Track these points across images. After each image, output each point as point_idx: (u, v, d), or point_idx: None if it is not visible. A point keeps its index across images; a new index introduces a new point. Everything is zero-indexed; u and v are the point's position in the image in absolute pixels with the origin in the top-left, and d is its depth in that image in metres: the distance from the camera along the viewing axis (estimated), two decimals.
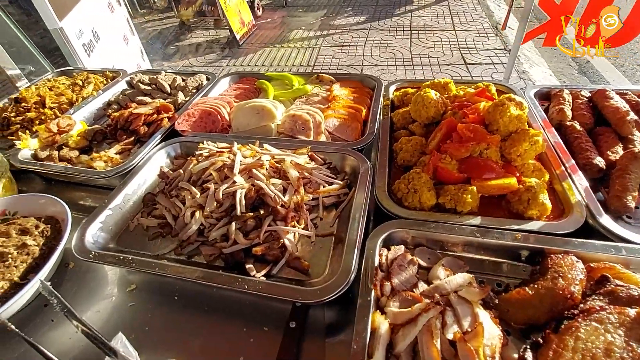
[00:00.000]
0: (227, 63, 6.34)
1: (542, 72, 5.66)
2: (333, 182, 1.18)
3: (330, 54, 6.44)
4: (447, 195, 1.04)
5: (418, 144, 1.22)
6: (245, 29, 6.98)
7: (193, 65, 6.34)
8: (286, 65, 6.25)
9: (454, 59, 5.97)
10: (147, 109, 1.50)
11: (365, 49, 6.52)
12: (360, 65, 6.04)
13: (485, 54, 6.05)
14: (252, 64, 6.32)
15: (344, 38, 6.94)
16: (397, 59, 6.11)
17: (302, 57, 6.45)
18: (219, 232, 1.04)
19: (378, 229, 0.99)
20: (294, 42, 6.95)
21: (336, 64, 6.13)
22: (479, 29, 6.94)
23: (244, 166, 1.12)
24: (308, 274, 0.99)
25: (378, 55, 6.29)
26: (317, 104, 1.56)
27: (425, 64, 5.90)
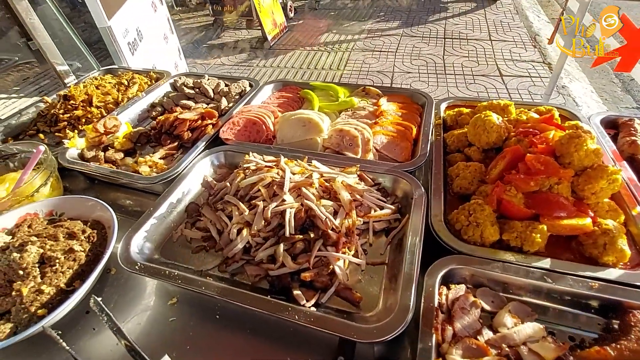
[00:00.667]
0: (257, 63, 6.38)
1: (582, 89, 5.40)
2: (384, 206, 1.12)
3: (361, 59, 6.37)
4: (513, 232, 0.96)
5: (477, 171, 1.14)
6: (277, 30, 7.01)
7: (224, 64, 6.41)
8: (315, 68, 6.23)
9: (488, 69, 5.79)
10: (192, 114, 1.49)
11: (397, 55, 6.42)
12: (390, 71, 5.94)
13: (522, 66, 5.84)
14: (282, 65, 6.34)
15: (375, 43, 6.86)
16: (430, 67, 5.98)
17: (332, 61, 6.41)
18: (266, 253, 1.00)
19: (437, 264, 0.92)
20: (324, 45, 6.92)
21: (366, 69, 6.06)
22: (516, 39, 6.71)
23: (293, 184, 1.08)
24: (359, 306, 0.93)
25: (410, 62, 6.18)
26: (364, 118, 1.51)
27: (459, 74, 5.75)
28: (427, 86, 5.45)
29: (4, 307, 0.98)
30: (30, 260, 1.00)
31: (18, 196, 1.19)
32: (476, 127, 1.21)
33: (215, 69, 6.25)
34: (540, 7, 8.13)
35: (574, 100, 5.02)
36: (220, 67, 6.32)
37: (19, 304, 0.94)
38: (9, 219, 1.16)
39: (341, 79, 5.83)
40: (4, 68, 3.82)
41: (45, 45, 1.81)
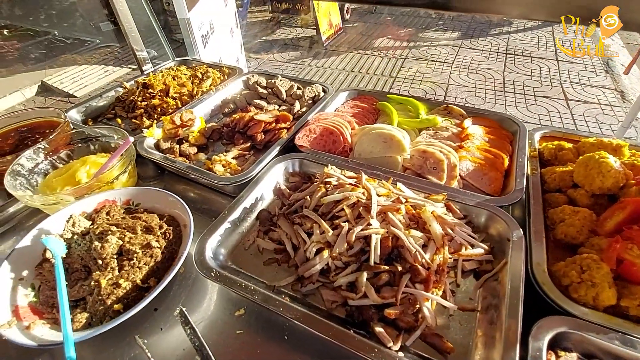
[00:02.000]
0: (308, 62, 6.39)
1: None
2: (475, 245, 1.01)
3: (415, 67, 6.20)
4: (636, 298, 0.83)
5: (587, 219, 1.00)
6: (332, 31, 6.98)
7: (277, 60, 6.48)
8: (367, 73, 6.13)
9: (552, 91, 5.43)
10: (267, 116, 1.46)
11: (453, 67, 6.18)
12: (445, 83, 5.73)
13: (590, 91, 5.42)
14: (333, 66, 6.30)
15: (431, 52, 6.65)
16: (488, 83, 5.70)
17: (385, 66, 6.29)
18: (346, 279, 0.93)
19: (544, 325, 0.81)
20: (378, 50, 6.80)
21: (419, 79, 5.88)
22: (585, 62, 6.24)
23: (379, 207, 1.01)
24: (448, 358, 0.84)
25: (467, 75, 5.93)
26: (447, 139, 1.40)
27: (519, 93, 5.44)
28: (483, 102, 5.19)
29: (80, 293, 0.99)
30: (110, 251, 1.00)
31: (100, 182, 1.21)
32: (588, 169, 1.07)
33: (267, 64, 6.33)
34: None
35: None
36: (273, 62, 6.39)
37: (96, 295, 0.94)
38: (89, 204, 1.18)
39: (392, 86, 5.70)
40: (87, 50, 4.08)
41: (130, 31, 1.86)
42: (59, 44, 3.26)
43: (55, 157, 1.40)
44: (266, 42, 7.14)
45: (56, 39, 3.43)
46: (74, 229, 1.10)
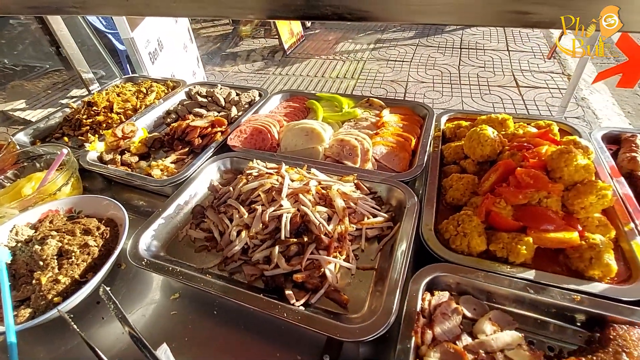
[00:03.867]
0: (273, 71, 6.55)
1: (604, 101, 5.27)
2: (378, 214, 1.16)
3: (375, 68, 6.44)
4: (500, 243, 0.99)
5: (470, 182, 1.17)
6: (294, 39, 7.17)
7: (242, 71, 6.61)
8: (330, 77, 6.33)
9: (505, 80, 5.74)
10: (203, 122, 1.58)
11: (412, 65, 6.45)
12: (405, 81, 5.98)
13: (540, 77, 5.75)
14: (297, 73, 6.47)
15: (391, 53, 6.92)
16: (444, 77, 5.97)
17: (347, 70, 6.50)
18: (262, 254, 1.06)
19: (423, 271, 0.96)
20: (340, 55, 7.03)
21: (380, 79, 6.11)
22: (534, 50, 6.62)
23: (291, 190, 1.15)
24: (346, 307, 0.98)
25: (424, 72, 6.19)
26: (366, 129, 1.56)
27: (474, 84, 5.72)
28: (441, 96, 5.45)
29: (25, 294, 1.08)
30: (50, 252, 1.10)
31: (42, 194, 1.30)
32: (471, 140, 1.24)
33: (232, 76, 6.45)
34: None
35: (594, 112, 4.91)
36: (238, 74, 6.52)
37: (37, 292, 1.03)
38: (33, 215, 1.27)
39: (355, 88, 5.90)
40: (36, 75, 4.11)
41: (72, 54, 1.96)
42: (8, 71, 3.30)
43: (2, 176, 1.48)
44: (230, 54, 7.26)
45: (6, 67, 3.46)
46: (18, 238, 1.19)
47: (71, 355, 1.04)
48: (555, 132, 1.34)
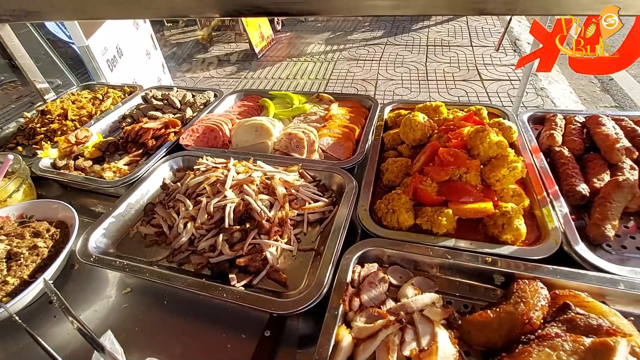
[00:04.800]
0: (245, 75, 6.58)
1: (561, 90, 5.54)
2: (319, 200, 1.24)
3: (346, 68, 6.56)
4: (424, 216, 1.08)
5: (403, 165, 1.26)
6: (265, 43, 7.22)
7: (213, 77, 6.61)
8: (302, 78, 6.41)
9: (469, 74, 5.96)
10: (156, 123, 1.62)
11: (381, 63, 6.61)
12: (374, 79, 6.12)
13: (502, 70, 6.00)
14: (269, 76, 6.52)
15: (360, 52, 7.06)
16: (412, 74, 6.15)
17: (318, 71, 6.60)
18: (207, 243, 1.11)
19: (354, 247, 1.04)
20: (311, 56, 7.12)
21: (351, 78, 6.23)
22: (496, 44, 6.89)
23: (235, 182, 1.21)
24: (286, 286, 1.05)
25: (393, 70, 6.35)
26: (315, 122, 1.64)
27: (440, 80, 5.91)
28: (410, 92, 5.61)
29: None
30: None
31: None
32: (405, 126, 1.33)
33: (204, 82, 6.44)
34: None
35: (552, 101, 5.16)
36: (209, 79, 6.52)
37: None
38: None
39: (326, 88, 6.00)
40: None
41: (25, 65, 1.96)
42: None
43: None
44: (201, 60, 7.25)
45: None
46: None
47: (24, 353, 1.06)
48: (484, 116, 1.45)
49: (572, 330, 0.78)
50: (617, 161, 1.22)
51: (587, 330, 0.77)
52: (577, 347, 0.73)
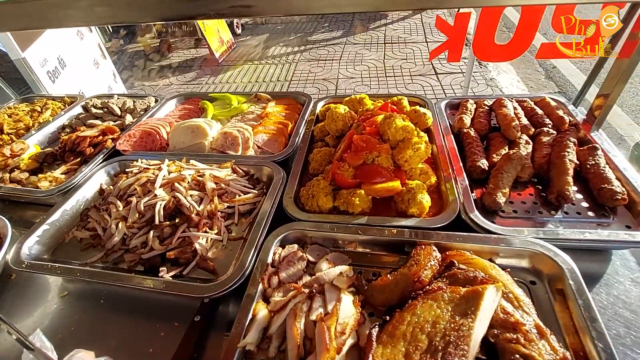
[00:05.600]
0: (206, 81, 6.54)
1: (509, 79, 5.88)
2: (249, 192, 1.31)
3: (307, 69, 6.66)
4: (341, 199, 1.18)
5: (327, 154, 1.36)
6: (225, 47, 7.21)
7: (173, 84, 6.52)
8: (264, 81, 6.45)
9: (425, 69, 6.20)
10: (93, 131, 1.64)
11: (341, 62, 6.75)
12: (335, 78, 6.25)
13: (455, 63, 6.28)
14: (231, 80, 6.52)
15: (321, 53, 7.19)
16: (371, 72, 6.33)
17: (280, 73, 6.66)
18: (138, 240, 1.16)
19: (276, 231, 1.12)
20: (272, 58, 7.17)
21: (312, 78, 6.34)
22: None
23: (166, 180, 1.26)
24: (216, 273, 1.11)
25: (353, 68, 6.52)
26: (251, 121, 1.71)
27: (398, 75, 6.12)
28: (369, 89, 5.77)
29: None
30: None
31: None
32: (328, 118, 1.43)
33: (163, 89, 6.35)
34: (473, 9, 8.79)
35: (501, 90, 5.48)
36: (169, 87, 6.43)
37: None
38: None
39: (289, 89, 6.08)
40: None
41: None
42: None
43: None
44: (160, 67, 7.13)
45: None
46: None
47: None
48: (405, 105, 1.58)
49: (453, 283, 0.89)
50: (514, 137, 1.38)
51: (465, 282, 0.89)
52: (454, 296, 0.85)
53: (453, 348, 0.76)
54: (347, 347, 0.84)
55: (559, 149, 1.24)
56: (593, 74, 1.52)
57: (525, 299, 0.88)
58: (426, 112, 1.48)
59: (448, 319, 0.81)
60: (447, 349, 0.76)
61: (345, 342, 0.83)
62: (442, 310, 0.83)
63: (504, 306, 0.85)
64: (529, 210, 1.18)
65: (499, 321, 0.83)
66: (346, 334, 0.84)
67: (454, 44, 1.54)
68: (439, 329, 0.80)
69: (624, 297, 1.01)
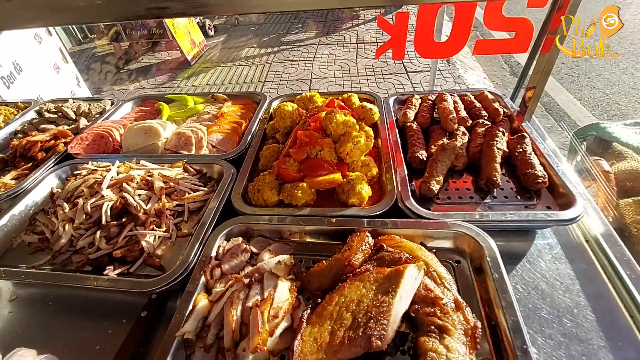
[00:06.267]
0: (178, 83, 6.46)
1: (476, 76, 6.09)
2: (199, 189, 1.34)
3: (281, 70, 6.68)
4: (285, 192, 1.23)
5: (275, 150, 1.41)
6: (197, 50, 7.14)
7: (144, 87, 6.42)
8: (237, 83, 6.43)
9: (396, 68, 6.34)
10: (44, 135, 1.63)
11: (314, 63, 6.81)
12: (309, 79, 6.30)
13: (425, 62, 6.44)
14: (203, 83, 6.47)
15: (294, 54, 7.22)
16: (344, 71, 6.42)
17: (253, 74, 6.66)
18: (86, 241, 1.18)
19: (221, 225, 1.16)
20: (246, 60, 7.16)
21: (286, 79, 6.36)
22: None
23: (114, 181, 1.28)
24: (163, 269, 1.14)
25: (326, 68, 6.58)
26: (207, 121, 1.74)
27: (370, 75, 6.23)
28: (342, 89, 5.85)
29: None
30: None
31: None
32: (277, 116, 1.48)
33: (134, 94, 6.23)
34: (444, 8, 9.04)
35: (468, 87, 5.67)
36: (140, 90, 6.32)
37: None
38: None
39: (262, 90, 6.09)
40: None
41: None
42: None
43: None
44: (130, 71, 7.00)
45: None
46: None
47: None
48: (354, 101, 1.64)
49: (381, 265, 0.96)
50: (451, 129, 1.46)
51: (391, 263, 0.95)
52: (378, 276, 0.91)
53: (373, 323, 0.82)
54: (281, 329, 0.89)
55: (489, 139, 1.34)
56: (526, 69, 1.62)
57: (447, 276, 0.95)
58: (373, 107, 1.55)
59: (371, 297, 0.87)
60: (368, 324, 0.82)
61: (278, 325, 0.88)
62: (368, 289, 0.89)
63: (427, 283, 0.92)
64: (462, 196, 1.27)
65: (420, 297, 0.90)
66: (279, 317, 0.89)
67: (396, 42, 1.62)
68: (362, 307, 0.86)
69: (544, 272, 1.11)
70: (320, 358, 0.81)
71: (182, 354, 0.89)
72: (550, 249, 1.17)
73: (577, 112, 4.78)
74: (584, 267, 1.12)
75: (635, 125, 1.89)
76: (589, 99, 4.98)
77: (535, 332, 0.97)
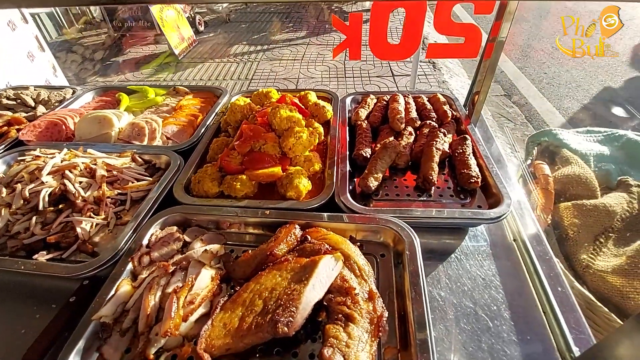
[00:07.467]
0: (164, 77, 6.43)
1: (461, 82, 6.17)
2: (143, 179, 1.35)
3: (268, 68, 6.69)
4: (225, 184, 1.25)
5: (223, 143, 1.43)
6: (185, 44, 7.11)
7: (129, 80, 6.37)
8: (224, 79, 6.42)
9: (383, 71, 6.40)
10: None
11: (302, 62, 6.84)
12: (296, 78, 6.32)
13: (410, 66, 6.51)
14: (190, 77, 6.44)
15: (283, 52, 7.24)
16: (332, 72, 6.45)
17: (241, 71, 6.65)
18: (21, 226, 1.18)
19: (158, 214, 1.18)
20: (234, 57, 7.16)
21: (273, 77, 6.37)
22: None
23: (56, 168, 1.28)
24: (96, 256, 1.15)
25: (314, 68, 6.61)
26: (165, 112, 1.75)
27: (357, 76, 6.28)
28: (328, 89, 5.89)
29: None
30: None
31: None
32: (229, 110, 1.50)
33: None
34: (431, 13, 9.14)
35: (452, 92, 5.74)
36: (125, 83, 6.27)
37: None
38: None
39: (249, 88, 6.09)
40: None
41: None
42: None
43: None
44: (117, 62, 6.94)
45: None
46: None
47: None
48: (310, 98, 1.67)
49: (301, 255, 0.98)
50: (398, 129, 1.50)
51: (312, 254, 0.98)
52: (295, 266, 0.94)
53: (282, 310, 0.84)
54: (197, 315, 0.91)
55: (430, 139, 1.37)
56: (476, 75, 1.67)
57: (366, 268, 0.98)
58: (326, 105, 1.58)
59: (285, 285, 0.90)
60: (276, 310, 0.84)
61: (194, 311, 0.90)
62: (283, 278, 0.92)
63: (344, 274, 0.95)
64: (399, 193, 1.30)
65: (336, 287, 0.93)
66: (195, 303, 0.91)
67: (352, 42, 1.65)
68: (275, 294, 0.88)
69: (469, 268, 1.14)
70: (227, 342, 0.83)
71: (99, 337, 0.90)
72: (479, 247, 1.20)
73: (556, 120, 4.88)
74: (508, 265, 1.16)
75: (586, 132, 1.95)
76: (567, 109, 5.10)
77: (450, 324, 1.00)
